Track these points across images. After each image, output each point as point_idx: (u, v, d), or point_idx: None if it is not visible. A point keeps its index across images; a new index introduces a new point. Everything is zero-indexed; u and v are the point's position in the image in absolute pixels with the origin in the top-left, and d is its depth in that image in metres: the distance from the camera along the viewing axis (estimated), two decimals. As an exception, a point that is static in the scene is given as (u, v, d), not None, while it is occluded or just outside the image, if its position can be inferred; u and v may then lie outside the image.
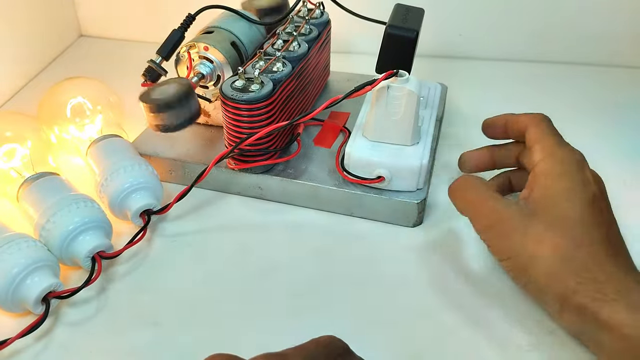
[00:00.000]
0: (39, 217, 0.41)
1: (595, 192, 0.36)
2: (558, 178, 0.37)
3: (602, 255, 0.33)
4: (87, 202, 0.42)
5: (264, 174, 0.47)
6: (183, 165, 0.49)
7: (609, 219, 0.36)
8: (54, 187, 0.43)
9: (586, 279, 0.32)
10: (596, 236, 0.34)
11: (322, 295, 0.40)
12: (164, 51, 0.47)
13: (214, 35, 0.48)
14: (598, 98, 0.64)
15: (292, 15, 0.52)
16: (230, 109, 0.44)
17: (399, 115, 0.43)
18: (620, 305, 0.31)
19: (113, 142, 0.48)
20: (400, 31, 0.46)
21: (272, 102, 0.44)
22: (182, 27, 0.48)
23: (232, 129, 0.45)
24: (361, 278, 0.42)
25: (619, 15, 0.67)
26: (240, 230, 0.46)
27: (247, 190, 0.49)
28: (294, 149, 0.49)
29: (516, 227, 0.35)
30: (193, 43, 0.47)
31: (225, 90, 0.44)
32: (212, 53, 0.47)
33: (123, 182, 0.44)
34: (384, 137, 0.45)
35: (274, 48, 0.49)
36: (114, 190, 0.43)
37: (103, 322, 0.39)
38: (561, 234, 0.34)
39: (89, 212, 0.41)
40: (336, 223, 0.46)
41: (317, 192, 0.47)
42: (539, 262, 0.34)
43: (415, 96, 0.42)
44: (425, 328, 0.38)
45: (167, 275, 0.42)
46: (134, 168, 0.45)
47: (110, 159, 0.46)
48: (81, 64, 0.73)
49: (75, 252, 0.40)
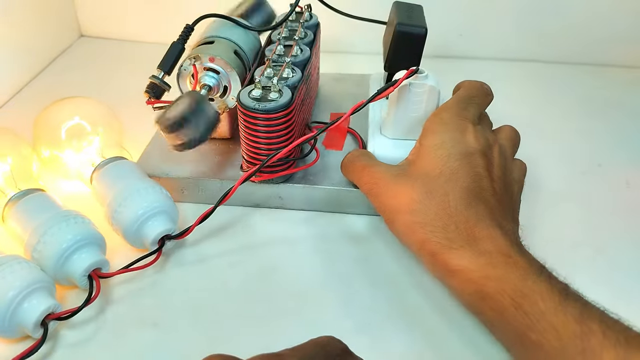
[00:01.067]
0: (29, 237, 0.39)
1: (469, 150, 0.37)
2: (432, 136, 0.39)
3: (455, 204, 0.35)
4: (77, 218, 0.40)
5: (284, 183, 0.46)
6: (197, 182, 0.47)
7: (479, 172, 0.37)
8: (42, 204, 0.41)
9: (437, 227, 0.34)
10: (454, 186, 0.35)
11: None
12: (165, 65, 0.45)
13: (217, 45, 0.47)
14: (598, 98, 0.64)
15: (287, 20, 0.52)
16: (251, 120, 0.42)
17: (420, 111, 0.44)
18: (465, 252, 0.33)
19: (120, 166, 0.45)
20: (410, 28, 0.46)
21: (293, 109, 0.43)
22: (182, 39, 0.46)
23: (251, 140, 0.44)
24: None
25: (619, 15, 0.67)
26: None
27: (267, 202, 0.47)
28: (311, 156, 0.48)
29: (386, 185, 0.38)
30: (197, 55, 0.45)
31: (244, 101, 0.42)
32: (218, 64, 0.46)
33: (137, 209, 0.41)
34: (404, 134, 0.46)
35: (276, 54, 0.48)
36: (128, 219, 0.41)
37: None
38: (418, 188, 0.36)
39: (81, 229, 0.39)
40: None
41: (341, 195, 0.46)
42: (398, 217, 0.37)
43: (437, 91, 0.43)
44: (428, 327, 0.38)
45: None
46: (147, 192, 0.42)
47: (119, 184, 0.43)
48: (81, 64, 0.73)
49: (71, 272, 0.38)
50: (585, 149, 0.47)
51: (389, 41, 0.48)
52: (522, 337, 0.30)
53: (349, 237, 0.45)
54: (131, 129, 0.52)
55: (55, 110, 0.48)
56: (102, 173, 0.44)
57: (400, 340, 0.37)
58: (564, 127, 0.59)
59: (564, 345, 0.28)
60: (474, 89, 0.43)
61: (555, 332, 0.28)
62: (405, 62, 0.46)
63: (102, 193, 0.44)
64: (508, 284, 0.31)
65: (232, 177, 0.47)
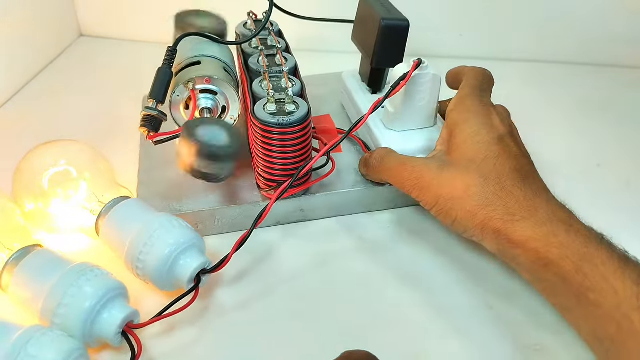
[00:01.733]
0: (44, 302, 0.34)
1: (501, 133, 0.40)
2: (465, 124, 0.41)
3: (511, 183, 0.37)
4: (94, 271, 0.36)
5: (304, 195, 0.45)
6: (213, 213, 0.44)
7: (516, 152, 0.40)
8: (48, 262, 0.37)
9: (498, 206, 0.36)
10: (503, 169, 0.38)
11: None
12: (158, 94, 0.42)
13: (207, 65, 0.44)
14: (598, 98, 0.64)
15: (253, 29, 0.51)
16: (276, 136, 0.41)
17: (425, 100, 0.45)
18: (528, 223, 0.35)
19: (127, 206, 0.40)
20: (395, 22, 0.47)
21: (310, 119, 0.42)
22: (168, 63, 0.43)
23: (275, 157, 0.42)
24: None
25: (619, 15, 0.67)
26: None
27: (289, 217, 0.46)
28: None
29: (433, 178, 0.40)
30: (192, 78, 0.43)
31: (264, 117, 0.41)
32: (215, 84, 0.43)
33: (164, 249, 0.37)
34: (410, 124, 0.47)
35: (259, 64, 0.47)
36: (157, 261, 0.36)
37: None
38: (471, 174, 0.38)
39: (103, 282, 0.35)
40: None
41: (362, 195, 0.46)
42: (457, 203, 0.38)
43: (439, 78, 0.45)
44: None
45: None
46: (170, 227, 0.38)
47: (134, 226, 0.38)
48: (81, 64, 0.73)
49: (103, 331, 0.34)
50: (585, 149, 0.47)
51: (371, 37, 0.48)
52: (581, 297, 0.32)
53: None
54: (132, 128, 0.52)
55: (34, 157, 0.42)
56: (110, 219, 0.39)
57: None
58: (564, 127, 0.59)
59: (620, 303, 0.30)
60: (481, 75, 0.45)
61: (613, 292, 0.31)
62: (391, 55, 0.48)
63: (116, 241, 0.39)
64: (570, 250, 0.33)
65: (250, 200, 0.45)
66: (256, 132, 0.42)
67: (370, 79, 0.52)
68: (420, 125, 0.47)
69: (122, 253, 0.38)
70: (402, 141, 0.46)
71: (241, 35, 0.53)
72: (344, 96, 0.56)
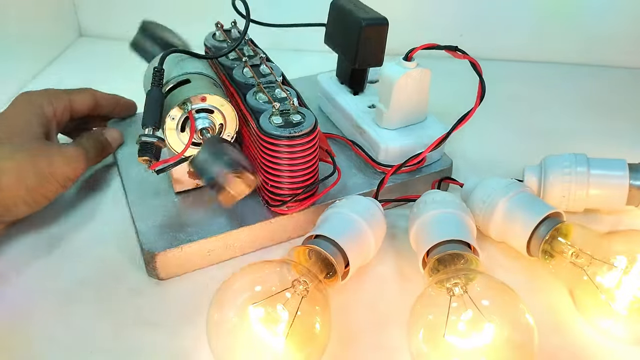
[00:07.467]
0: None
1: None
2: None
3: None
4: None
5: (313, 206, 0.44)
6: (225, 238, 0.42)
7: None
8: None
9: None
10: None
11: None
12: (152, 119, 0.39)
13: (198, 83, 0.42)
14: (598, 98, 0.64)
15: (228, 40, 0.50)
16: (287, 149, 0.40)
17: (416, 95, 0.46)
18: None
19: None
20: (375, 21, 0.47)
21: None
22: (157, 84, 0.41)
23: (285, 169, 0.41)
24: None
25: (619, 15, 0.67)
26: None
27: (300, 231, 0.44)
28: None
29: None
30: (188, 98, 0.40)
31: (271, 130, 0.40)
32: (211, 102, 0.41)
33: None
34: (405, 121, 0.48)
35: (245, 76, 0.46)
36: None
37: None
38: None
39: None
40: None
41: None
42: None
43: (428, 72, 0.46)
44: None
45: None
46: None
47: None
48: (81, 64, 0.73)
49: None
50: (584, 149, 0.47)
51: (351, 38, 0.48)
52: None
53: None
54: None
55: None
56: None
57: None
58: (564, 127, 0.59)
59: None
60: None
61: None
62: (374, 54, 0.48)
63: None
64: None
65: (260, 218, 0.43)
66: (262, 145, 0.40)
67: (351, 80, 0.52)
68: (412, 120, 0.48)
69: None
70: (398, 137, 0.47)
71: (212, 48, 0.51)
72: (323, 99, 0.55)
